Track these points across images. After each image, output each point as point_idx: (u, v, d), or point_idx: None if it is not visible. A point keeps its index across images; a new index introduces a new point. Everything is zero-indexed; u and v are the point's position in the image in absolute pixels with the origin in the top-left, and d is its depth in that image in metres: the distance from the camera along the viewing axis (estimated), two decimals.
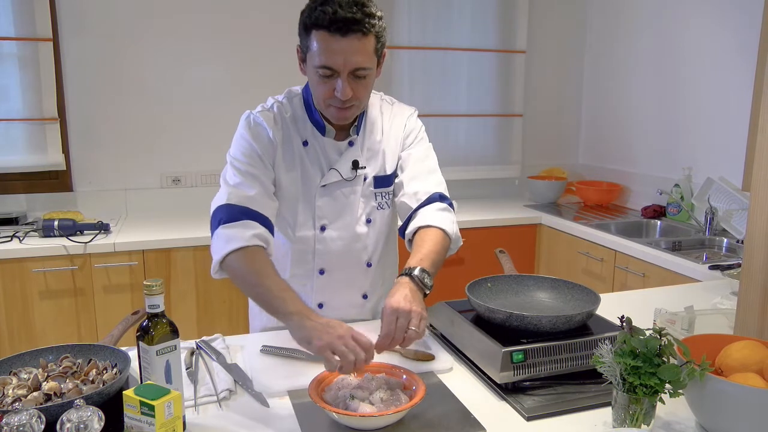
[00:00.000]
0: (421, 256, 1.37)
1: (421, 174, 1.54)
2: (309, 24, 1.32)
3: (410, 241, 1.49)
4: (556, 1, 3.66)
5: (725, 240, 2.70)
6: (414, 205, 1.51)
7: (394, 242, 1.68)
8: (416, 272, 1.33)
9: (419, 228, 1.46)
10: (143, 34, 2.99)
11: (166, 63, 3.04)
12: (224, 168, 1.48)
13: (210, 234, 1.41)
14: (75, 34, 2.90)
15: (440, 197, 1.52)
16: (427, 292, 1.34)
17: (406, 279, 1.32)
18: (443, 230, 1.45)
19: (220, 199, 1.42)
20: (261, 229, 1.38)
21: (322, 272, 1.57)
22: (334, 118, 1.44)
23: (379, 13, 1.34)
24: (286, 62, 3.15)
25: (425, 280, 1.33)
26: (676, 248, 2.67)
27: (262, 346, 1.41)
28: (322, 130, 1.50)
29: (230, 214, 1.37)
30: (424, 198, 1.51)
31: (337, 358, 1.14)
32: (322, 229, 1.53)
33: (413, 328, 1.23)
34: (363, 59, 1.33)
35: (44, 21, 2.79)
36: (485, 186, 3.70)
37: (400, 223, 1.59)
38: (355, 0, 1.30)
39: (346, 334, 1.16)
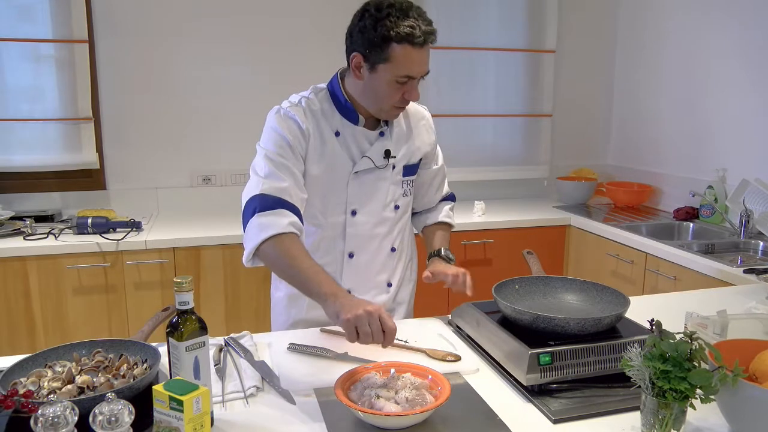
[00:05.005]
0: (441, 241, 1.73)
1: (438, 185, 1.80)
2: (391, 37, 1.40)
3: (422, 228, 1.83)
4: (587, 0, 3.62)
5: (761, 243, 2.63)
6: (427, 207, 1.82)
7: (411, 230, 1.81)
8: (443, 252, 1.68)
9: (433, 223, 1.79)
10: (174, 36, 3.04)
11: (196, 63, 3.08)
12: (254, 159, 1.52)
13: (242, 225, 1.44)
14: (109, 36, 2.96)
15: (444, 198, 1.84)
16: (453, 262, 1.66)
17: (437, 258, 1.66)
18: (449, 224, 1.81)
19: (252, 189, 1.45)
20: (295, 218, 1.43)
21: (351, 255, 1.61)
22: (392, 116, 1.57)
23: None
24: (314, 61, 3.18)
25: (450, 255, 1.67)
26: (709, 251, 2.61)
27: (289, 344, 1.42)
28: (355, 120, 1.55)
29: (265, 203, 1.42)
30: (436, 202, 1.82)
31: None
32: (353, 213, 1.59)
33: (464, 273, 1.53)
34: (428, 64, 1.49)
35: (80, 23, 2.85)
36: (513, 186, 3.67)
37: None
38: (420, 12, 1.43)
39: (375, 312, 1.20)
